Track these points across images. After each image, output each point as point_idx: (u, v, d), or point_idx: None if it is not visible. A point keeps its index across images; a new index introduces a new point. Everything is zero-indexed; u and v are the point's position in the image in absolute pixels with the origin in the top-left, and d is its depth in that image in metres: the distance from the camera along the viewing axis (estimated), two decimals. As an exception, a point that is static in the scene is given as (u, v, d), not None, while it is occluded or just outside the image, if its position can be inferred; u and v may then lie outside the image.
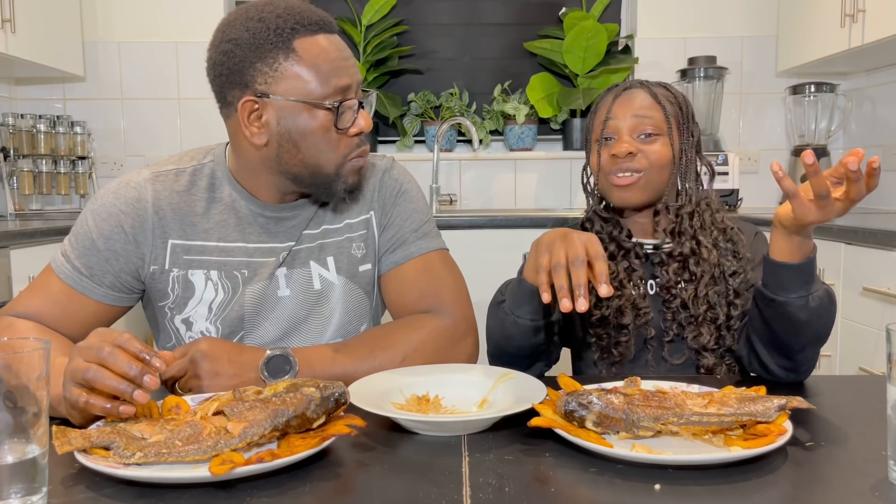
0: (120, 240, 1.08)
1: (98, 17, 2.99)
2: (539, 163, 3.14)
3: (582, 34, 2.89)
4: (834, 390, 1.03)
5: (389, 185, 1.19)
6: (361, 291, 1.18)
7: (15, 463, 0.62)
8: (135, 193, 1.10)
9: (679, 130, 1.20)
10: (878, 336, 1.84)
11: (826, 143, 2.94)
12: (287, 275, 1.13)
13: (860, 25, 2.40)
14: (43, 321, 1.05)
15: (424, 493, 0.66)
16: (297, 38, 1.00)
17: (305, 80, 1.01)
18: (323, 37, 1.02)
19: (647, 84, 1.22)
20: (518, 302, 1.05)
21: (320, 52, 1.01)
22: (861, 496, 0.66)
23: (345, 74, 1.02)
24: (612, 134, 1.20)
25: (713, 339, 1.15)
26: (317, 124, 1.03)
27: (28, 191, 2.75)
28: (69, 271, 1.08)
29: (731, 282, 1.17)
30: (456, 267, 1.21)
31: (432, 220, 1.22)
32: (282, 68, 1.00)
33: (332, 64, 1.01)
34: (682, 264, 1.18)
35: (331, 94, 1.02)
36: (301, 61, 1.00)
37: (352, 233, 1.17)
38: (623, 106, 1.19)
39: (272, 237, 1.12)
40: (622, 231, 1.23)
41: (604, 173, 1.21)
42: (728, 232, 1.21)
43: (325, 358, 1.03)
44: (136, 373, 0.76)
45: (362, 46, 3.04)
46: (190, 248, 1.10)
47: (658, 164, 1.18)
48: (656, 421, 0.78)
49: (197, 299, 1.10)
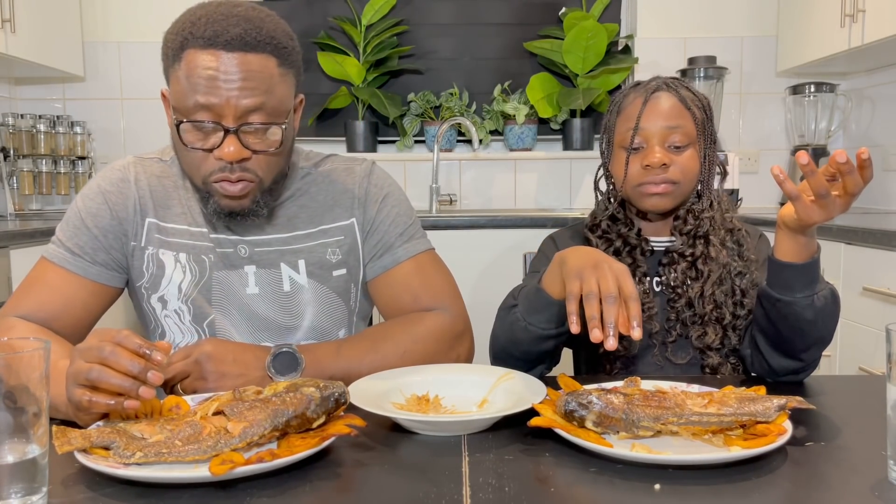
0: (106, 216, 1.12)
1: (98, 17, 2.99)
2: (539, 163, 3.14)
3: (582, 34, 2.89)
4: (834, 390, 1.03)
5: (372, 191, 1.19)
6: (335, 296, 1.17)
7: (15, 463, 0.62)
8: (119, 174, 1.15)
9: (706, 138, 1.20)
10: (878, 336, 1.84)
11: (826, 143, 2.94)
12: (257, 273, 1.13)
13: (860, 25, 2.40)
14: (44, 314, 1.06)
15: (424, 493, 0.66)
16: (188, 48, 0.98)
17: (177, 90, 0.99)
18: (211, 54, 0.96)
19: (673, 86, 1.19)
20: (533, 310, 1.03)
21: (196, 67, 0.96)
22: (861, 496, 0.66)
23: (211, 94, 0.96)
24: (642, 143, 1.18)
25: (718, 339, 1.15)
26: (174, 135, 1.02)
27: (28, 191, 2.75)
28: (62, 254, 1.10)
29: (738, 282, 1.17)
30: (444, 266, 1.21)
31: (417, 220, 1.22)
32: (171, 72, 1.01)
33: (201, 81, 0.96)
34: (692, 263, 1.18)
35: (190, 110, 0.98)
36: (180, 70, 0.98)
37: (326, 238, 1.16)
38: (653, 113, 1.17)
39: (234, 229, 1.13)
40: (632, 229, 1.23)
41: (633, 182, 1.19)
42: (735, 233, 1.21)
43: (329, 353, 1.04)
44: (139, 370, 0.76)
45: (362, 46, 3.04)
46: (163, 228, 1.13)
47: (690, 175, 1.18)
48: (656, 421, 0.78)
49: (167, 279, 1.13)
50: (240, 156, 0.99)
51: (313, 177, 1.18)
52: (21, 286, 1.10)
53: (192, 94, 0.97)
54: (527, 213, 2.78)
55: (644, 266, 1.20)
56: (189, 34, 0.98)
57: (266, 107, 0.98)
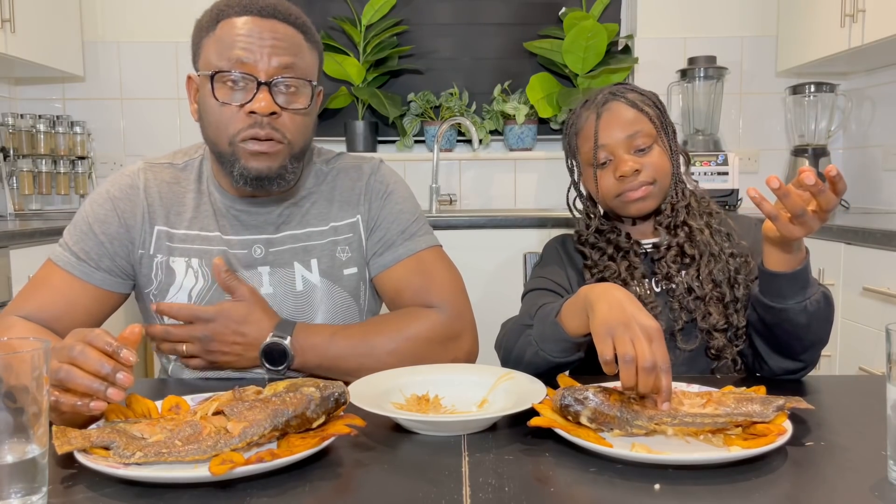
0: (114, 223, 1.13)
1: (98, 17, 2.99)
2: (539, 163, 3.14)
3: (582, 34, 2.89)
4: (834, 390, 1.03)
5: (376, 188, 1.20)
6: (347, 294, 1.18)
7: (15, 463, 0.62)
8: (128, 181, 1.16)
9: (665, 132, 1.23)
10: (878, 336, 1.84)
11: (826, 143, 2.94)
12: (271, 273, 1.14)
13: (860, 25, 2.40)
14: (46, 315, 1.07)
15: (424, 493, 0.66)
16: (222, 20, 1.05)
17: (210, 53, 1.05)
18: (247, 18, 1.03)
19: (619, 94, 1.22)
20: (547, 339, 1.02)
21: (231, 29, 1.03)
22: (861, 496, 0.66)
23: (246, 49, 1.02)
24: (608, 156, 1.20)
25: (722, 318, 1.16)
26: (206, 94, 1.05)
27: (28, 191, 2.75)
28: (67, 257, 1.11)
29: (732, 262, 1.18)
30: (450, 262, 1.21)
31: (422, 217, 1.22)
32: (203, 42, 1.06)
33: (236, 39, 1.03)
34: (679, 250, 1.20)
35: (224, 66, 1.03)
36: (213, 36, 1.05)
37: (336, 236, 1.18)
38: (609, 125, 1.20)
39: (246, 229, 1.15)
40: (620, 234, 1.24)
41: (610, 194, 1.21)
42: (715, 215, 1.24)
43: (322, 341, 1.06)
44: (108, 370, 0.75)
45: (362, 46, 3.04)
46: (173, 235, 1.14)
47: (663, 172, 1.20)
48: (650, 420, 0.78)
49: (177, 286, 1.13)
50: (270, 108, 1.03)
51: (325, 174, 1.21)
52: (26, 286, 1.11)
53: (226, 51, 1.03)
54: (527, 213, 2.77)
55: (641, 268, 1.21)
56: (225, 5, 1.05)
57: (296, 67, 1.05)
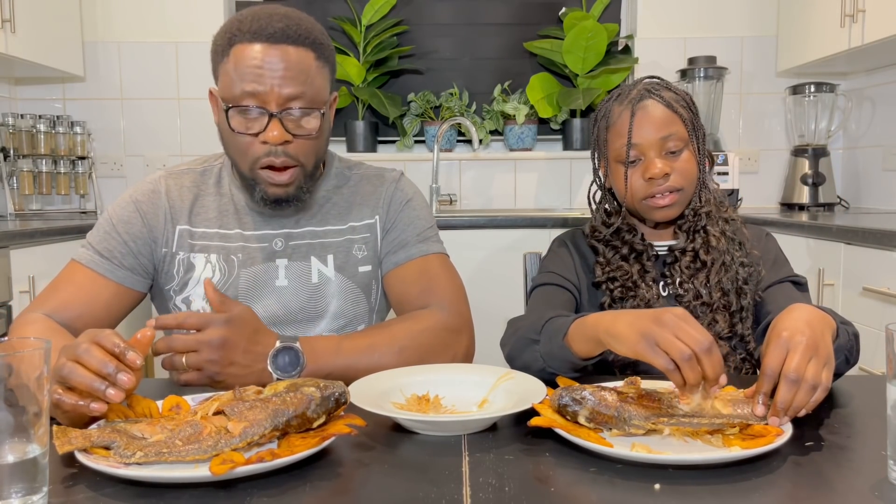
0: (137, 223, 1.19)
1: (98, 17, 2.99)
2: (539, 163, 3.14)
3: (582, 34, 2.89)
4: (834, 390, 1.03)
5: (397, 195, 1.28)
6: (359, 291, 1.23)
7: (15, 463, 0.62)
8: (150, 186, 1.23)
9: (697, 136, 1.21)
10: (878, 336, 1.84)
11: (826, 143, 2.94)
12: (287, 266, 1.20)
13: (860, 25, 2.40)
14: (67, 312, 1.12)
15: (424, 493, 0.66)
16: (236, 44, 1.08)
17: (225, 81, 1.09)
18: (260, 46, 1.07)
19: (656, 92, 1.19)
20: (554, 359, 1.01)
21: (244, 58, 1.07)
22: (861, 496, 0.66)
23: (257, 83, 1.06)
24: (639, 156, 1.19)
25: (727, 327, 1.15)
26: (222, 123, 1.11)
27: (28, 191, 2.75)
28: (91, 255, 1.17)
29: (742, 272, 1.18)
30: (454, 271, 1.26)
31: (435, 227, 1.29)
32: (220, 67, 1.11)
33: (248, 70, 1.06)
34: (694, 256, 1.19)
35: (238, 97, 1.08)
36: (228, 63, 1.09)
37: (354, 234, 1.24)
38: (644, 125, 1.17)
39: (266, 223, 1.21)
40: (636, 235, 1.24)
41: (638, 195, 1.20)
42: (731, 223, 1.23)
43: (329, 350, 1.05)
44: (110, 370, 0.76)
45: (362, 46, 3.04)
46: (194, 233, 1.21)
47: (690, 178, 1.19)
48: (647, 420, 0.78)
49: (195, 280, 1.19)
50: (282, 138, 1.08)
51: (347, 178, 1.28)
52: (49, 285, 1.16)
53: (239, 83, 1.07)
54: (527, 213, 2.78)
55: (653, 272, 1.20)
56: (236, 30, 1.08)
57: (305, 95, 1.09)
